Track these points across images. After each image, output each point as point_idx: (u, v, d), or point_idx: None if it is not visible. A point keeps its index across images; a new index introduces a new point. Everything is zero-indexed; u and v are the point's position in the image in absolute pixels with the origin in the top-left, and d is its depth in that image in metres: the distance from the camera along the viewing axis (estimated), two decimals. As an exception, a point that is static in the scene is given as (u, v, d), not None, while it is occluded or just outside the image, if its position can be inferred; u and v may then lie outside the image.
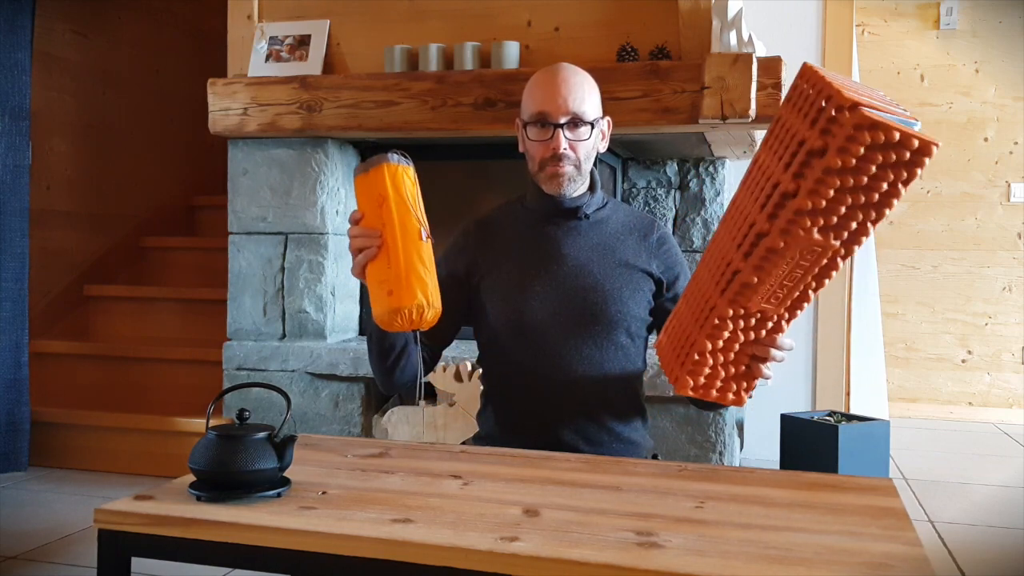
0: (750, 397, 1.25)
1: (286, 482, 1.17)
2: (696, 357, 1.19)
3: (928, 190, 4.49)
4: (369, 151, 3.10)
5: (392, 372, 1.56)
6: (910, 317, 4.54)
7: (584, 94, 1.58)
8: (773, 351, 1.21)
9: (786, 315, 1.16)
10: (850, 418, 2.88)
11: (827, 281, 1.11)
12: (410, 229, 1.34)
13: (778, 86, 2.45)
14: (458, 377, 2.40)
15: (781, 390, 3.23)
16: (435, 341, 1.67)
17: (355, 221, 1.37)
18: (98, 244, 3.94)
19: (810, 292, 1.12)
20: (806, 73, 1.07)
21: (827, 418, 2.86)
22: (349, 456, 1.37)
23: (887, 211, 1.03)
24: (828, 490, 1.21)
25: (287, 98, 2.85)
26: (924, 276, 4.52)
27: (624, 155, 3.02)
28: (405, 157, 1.38)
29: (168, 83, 4.34)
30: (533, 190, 1.66)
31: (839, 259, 1.07)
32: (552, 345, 1.59)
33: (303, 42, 2.96)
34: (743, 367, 1.22)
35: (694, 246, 2.94)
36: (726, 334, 1.18)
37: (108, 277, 3.93)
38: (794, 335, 1.28)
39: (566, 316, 1.60)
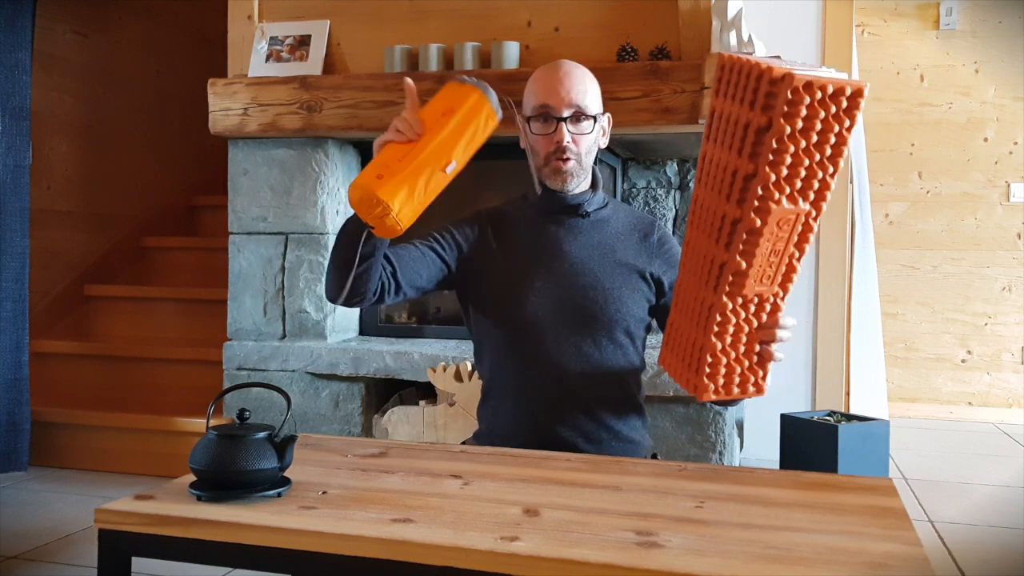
0: (767, 384, 1.25)
1: (286, 482, 1.17)
2: (709, 359, 1.20)
3: (928, 190, 4.49)
4: (370, 151, 3.10)
5: (346, 275, 1.45)
6: (910, 317, 4.54)
7: (586, 88, 1.59)
8: (778, 332, 1.22)
9: (780, 292, 1.19)
10: (850, 418, 2.88)
11: (807, 247, 1.15)
12: (444, 151, 1.33)
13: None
14: (458, 377, 2.40)
15: (781, 390, 3.23)
16: (402, 272, 1.57)
17: (415, 109, 1.39)
18: (98, 244, 3.94)
19: (795, 262, 1.16)
20: (727, 63, 1.13)
21: (827, 418, 2.86)
22: (349, 456, 1.37)
23: (841, 162, 1.09)
24: (828, 490, 1.21)
25: (287, 98, 2.85)
26: (924, 276, 4.52)
27: (624, 155, 3.02)
28: (504, 103, 1.38)
29: (168, 83, 4.34)
30: (535, 187, 1.67)
31: (812, 221, 1.12)
32: (551, 342, 1.59)
33: (303, 42, 2.96)
34: (754, 356, 1.23)
35: (694, 246, 2.94)
36: (731, 328, 1.19)
37: (108, 277, 3.93)
38: (794, 336, 1.28)
39: (565, 314, 1.60)
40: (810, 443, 2.78)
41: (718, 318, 1.17)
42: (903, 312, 4.54)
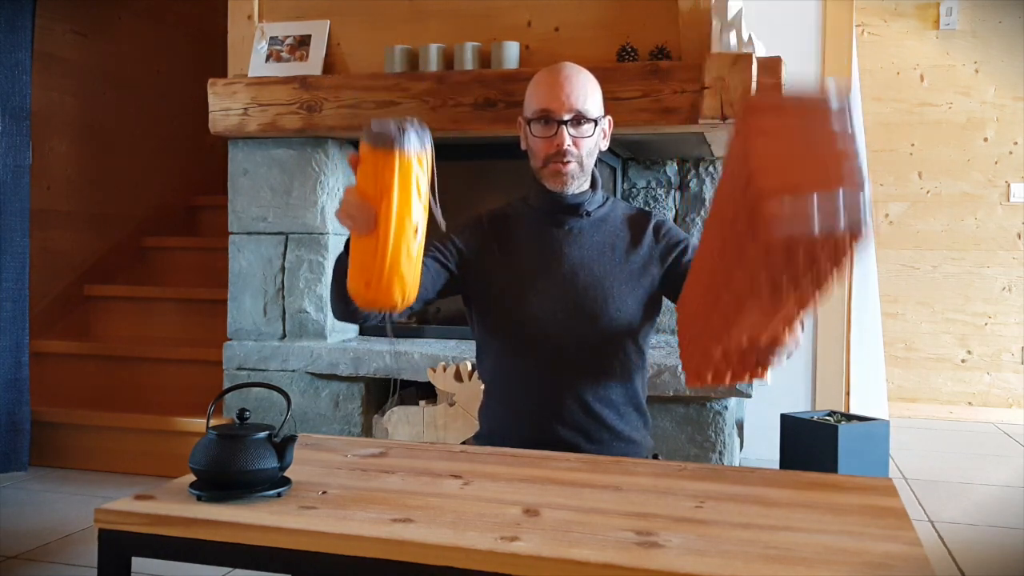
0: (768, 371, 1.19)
1: (286, 482, 1.17)
2: (706, 362, 1.17)
3: (928, 190, 4.49)
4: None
5: (350, 305, 1.47)
6: (910, 317, 4.54)
7: (587, 92, 1.60)
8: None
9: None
10: (850, 418, 2.88)
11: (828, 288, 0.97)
12: (406, 223, 1.28)
13: (778, 86, 2.45)
14: (458, 377, 2.40)
15: (781, 390, 3.23)
16: None
17: (353, 191, 1.32)
18: (98, 244, 3.94)
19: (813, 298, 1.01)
20: (747, 110, 0.88)
21: (827, 418, 2.86)
22: (349, 456, 1.37)
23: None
24: (828, 490, 1.21)
25: (287, 98, 2.85)
26: (924, 276, 4.52)
27: (624, 155, 3.02)
28: (421, 135, 1.31)
29: (168, 83, 4.34)
30: (536, 188, 1.67)
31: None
32: (553, 343, 1.60)
33: (303, 42, 2.96)
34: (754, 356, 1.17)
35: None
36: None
37: (108, 277, 3.93)
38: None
39: (567, 315, 1.60)
40: (810, 443, 2.78)
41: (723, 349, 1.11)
42: (903, 312, 4.54)
